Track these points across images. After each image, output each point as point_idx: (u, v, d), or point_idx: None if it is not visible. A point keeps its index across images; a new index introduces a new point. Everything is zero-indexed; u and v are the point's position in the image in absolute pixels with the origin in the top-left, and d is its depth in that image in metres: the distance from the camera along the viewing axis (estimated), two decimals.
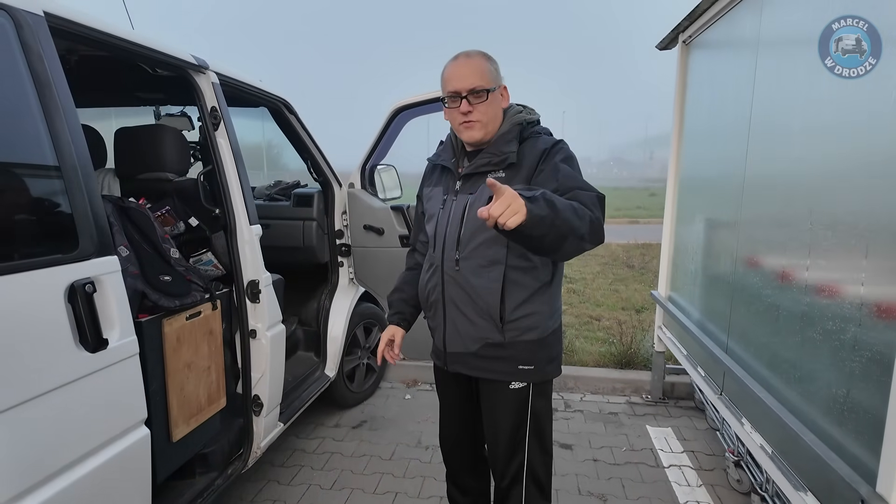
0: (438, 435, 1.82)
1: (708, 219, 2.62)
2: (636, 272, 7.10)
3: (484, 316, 1.47)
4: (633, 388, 3.47)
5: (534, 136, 1.51)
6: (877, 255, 1.34)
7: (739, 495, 2.35)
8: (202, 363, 1.92)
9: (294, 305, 3.06)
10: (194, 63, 1.93)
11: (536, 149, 1.45)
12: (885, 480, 1.22)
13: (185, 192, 2.16)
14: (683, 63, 2.97)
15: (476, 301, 1.47)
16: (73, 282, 1.22)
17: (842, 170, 1.52)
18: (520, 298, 1.46)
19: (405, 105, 2.79)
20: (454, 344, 1.54)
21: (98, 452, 1.29)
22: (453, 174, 1.55)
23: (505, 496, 1.63)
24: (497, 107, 1.48)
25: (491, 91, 1.43)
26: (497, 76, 1.48)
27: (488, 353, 1.50)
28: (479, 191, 1.46)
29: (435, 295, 1.56)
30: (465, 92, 1.42)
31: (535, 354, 1.51)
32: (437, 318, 1.58)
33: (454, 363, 1.58)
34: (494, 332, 1.47)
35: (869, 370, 1.35)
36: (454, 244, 1.49)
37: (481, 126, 1.45)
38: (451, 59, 1.48)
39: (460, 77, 1.43)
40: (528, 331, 1.48)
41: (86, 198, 1.27)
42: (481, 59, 1.46)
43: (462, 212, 1.49)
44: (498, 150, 1.46)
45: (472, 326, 1.49)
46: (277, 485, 2.48)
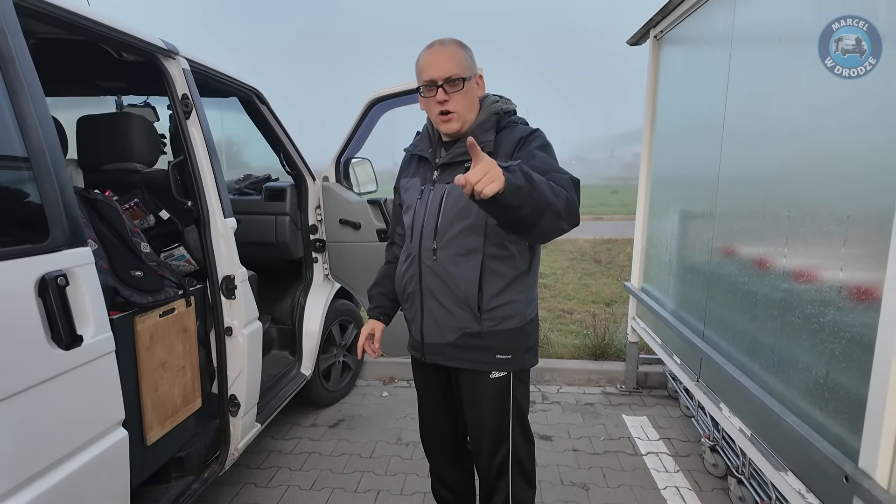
0: (419, 430, 1.80)
1: (682, 211, 2.67)
2: (604, 266, 7.23)
3: (462, 305, 1.47)
4: (607, 378, 3.52)
5: (511, 126, 1.50)
6: (855, 241, 1.39)
7: (715, 479, 2.41)
8: (177, 362, 1.83)
9: (267, 303, 2.97)
10: (164, 48, 1.84)
11: (513, 137, 1.45)
12: (868, 456, 1.26)
13: (154, 183, 2.05)
14: (655, 59, 3.02)
15: (454, 290, 1.46)
16: (44, 274, 1.13)
17: (820, 160, 1.57)
18: (497, 287, 1.46)
19: (381, 97, 2.74)
20: (432, 334, 1.53)
21: (74, 457, 1.21)
22: (430, 164, 1.54)
23: (492, 488, 1.62)
24: (473, 96, 1.47)
25: (467, 79, 1.42)
26: (472, 64, 1.47)
27: (466, 343, 1.49)
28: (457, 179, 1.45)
29: (412, 286, 1.55)
30: (441, 80, 1.40)
31: (513, 343, 1.51)
32: (415, 309, 1.56)
33: (432, 354, 1.56)
34: (472, 321, 1.47)
35: (850, 351, 1.39)
36: (432, 234, 1.48)
37: (458, 117, 1.44)
38: (426, 47, 1.46)
39: (436, 65, 1.41)
40: (506, 319, 1.48)
41: (56, 185, 1.18)
42: (456, 47, 1.45)
43: (440, 201, 1.48)
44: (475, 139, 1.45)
45: (450, 316, 1.49)
46: (255, 487, 2.40)
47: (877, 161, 1.32)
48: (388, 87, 2.73)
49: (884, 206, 1.24)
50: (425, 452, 1.82)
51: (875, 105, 1.33)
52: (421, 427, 1.79)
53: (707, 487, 2.36)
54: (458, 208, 1.44)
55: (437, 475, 1.83)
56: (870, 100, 1.34)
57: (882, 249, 1.22)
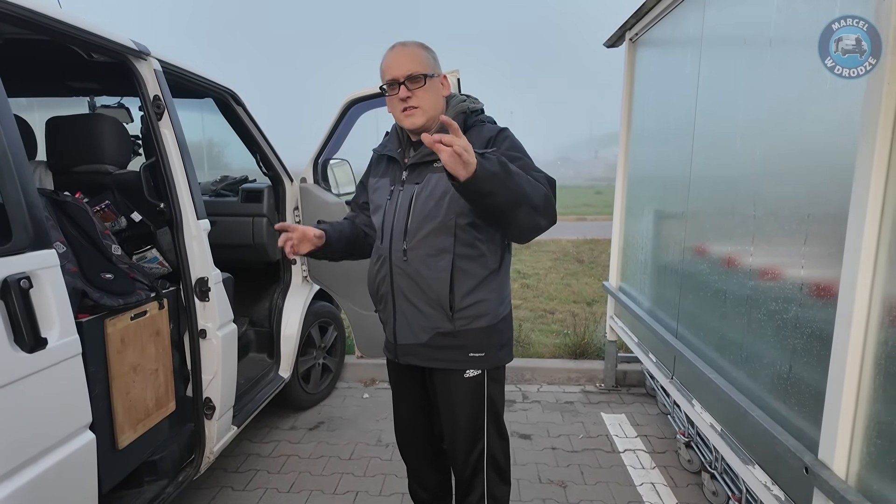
0: (394, 431, 1.80)
1: (657, 211, 2.72)
2: (586, 266, 7.29)
3: (434, 305, 1.48)
4: (587, 377, 3.56)
5: (478, 125, 1.52)
6: (815, 240, 1.43)
7: (690, 474, 2.45)
8: (149, 365, 1.81)
9: (245, 306, 2.95)
10: (134, 49, 1.82)
11: (482, 137, 1.46)
12: (827, 448, 1.30)
13: (126, 185, 2.03)
14: (631, 60, 3.06)
15: (425, 291, 1.47)
16: (6, 277, 1.12)
17: (783, 160, 1.61)
18: (469, 286, 1.47)
19: (358, 98, 2.74)
20: (404, 335, 1.54)
21: (38, 460, 1.19)
22: (399, 165, 1.55)
23: (468, 486, 1.63)
24: (437, 94, 1.48)
25: (429, 77, 1.44)
26: (435, 64, 1.49)
27: (439, 343, 1.50)
28: (426, 180, 1.47)
29: (384, 287, 1.55)
30: (403, 78, 1.42)
31: (486, 341, 1.52)
32: (388, 311, 1.57)
33: (405, 355, 1.57)
34: (444, 321, 1.48)
35: (810, 346, 1.43)
36: (402, 235, 1.48)
37: (422, 112, 1.45)
38: (389, 49, 1.49)
39: (397, 65, 1.44)
40: (478, 318, 1.50)
41: (18, 185, 1.17)
42: (417, 48, 1.47)
43: (409, 202, 1.48)
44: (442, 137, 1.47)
45: (422, 316, 1.49)
46: (232, 491, 2.39)
47: (834, 162, 1.36)
48: (366, 88, 2.74)
49: (840, 206, 1.28)
50: (401, 454, 1.82)
51: (832, 107, 1.37)
52: (396, 428, 1.79)
53: (682, 483, 2.40)
54: (427, 209, 1.46)
55: (414, 476, 1.83)
56: (827, 101, 1.38)
57: (839, 248, 1.26)
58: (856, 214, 1.21)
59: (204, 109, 2.96)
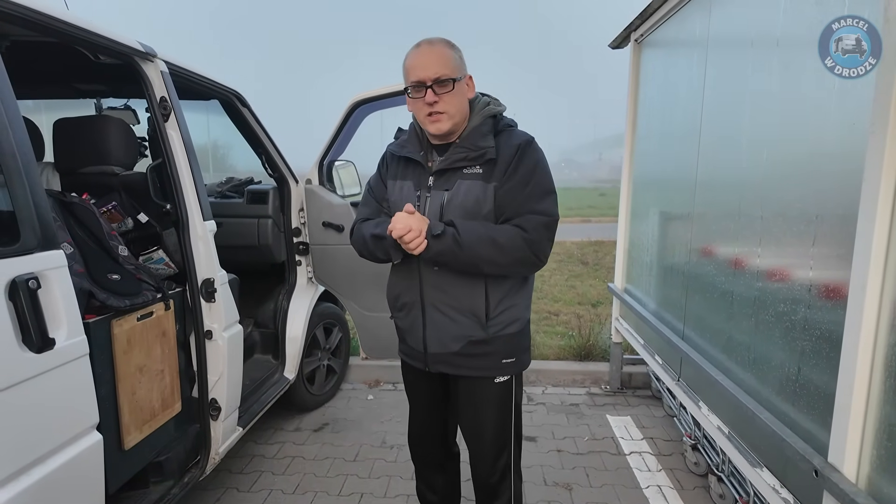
0: (407, 432, 1.79)
1: (662, 212, 2.71)
2: (590, 268, 7.27)
3: (466, 314, 1.45)
4: (592, 379, 3.54)
5: (506, 130, 1.47)
6: (824, 241, 1.42)
7: (697, 477, 2.44)
8: (155, 366, 1.82)
9: (250, 307, 2.96)
10: (141, 50, 1.83)
11: (511, 144, 1.41)
12: (836, 451, 1.29)
13: (132, 186, 2.04)
14: (636, 62, 3.06)
15: (459, 300, 1.44)
16: (15, 277, 1.12)
17: (790, 162, 1.60)
18: (501, 294, 1.46)
19: (364, 99, 2.74)
20: (435, 344, 1.50)
21: (46, 460, 1.20)
22: (423, 169, 1.48)
23: (493, 491, 1.60)
24: (463, 97, 1.43)
25: (457, 81, 1.38)
26: (462, 65, 1.43)
27: (472, 351, 1.47)
28: (456, 186, 1.42)
29: (409, 296, 1.51)
30: (430, 81, 1.36)
31: (517, 346, 1.51)
32: (413, 320, 1.52)
33: (436, 363, 1.53)
34: (478, 329, 1.45)
35: (819, 348, 1.42)
36: None
37: (448, 118, 1.39)
38: (413, 46, 1.42)
39: (424, 66, 1.37)
40: (510, 324, 1.48)
41: (27, 187, 1.18)
42: (445, 47, 1.40)
43: (439, 209, 1.43)
44: (474, 145, 1.41)
45: (455, 325, 1.46)
46: (237, 492, 2.39)
47: (842, 162, 1.35)
48: (371, 90, 2.74)
49: (849, 206, 1.27)
50: (412, 455, 1.81)
51: (840, 107, 1.36)
52: (410, 431, 1.77)
53: (689, 486, 2.39)
54: (458, 215, 1.40)
55: (423, 478, 1.82)
56: (835, 102, 1.37)
57: (848, 249, 1.25)
58: (865, 215, 1.19)
59: (210, 111, 2.98)
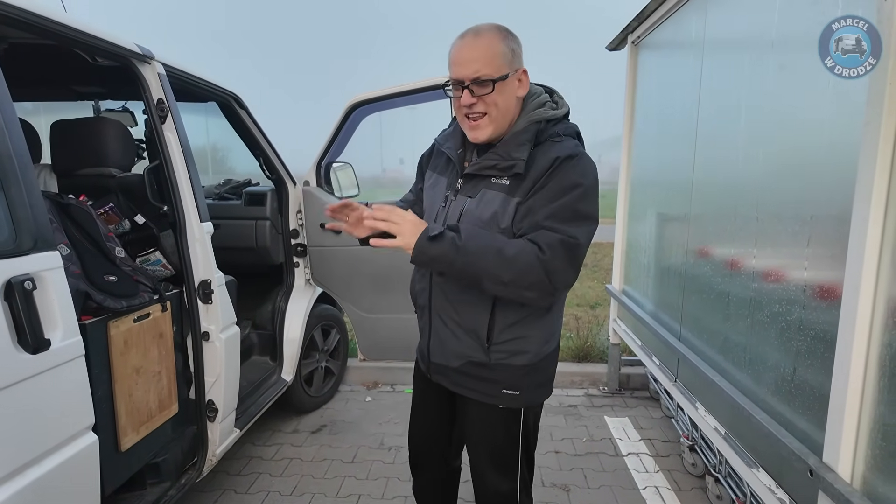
0: (408, 433, 1.68)
1: (660, 214, 2.71)
2: (589, 270, 7.27)
3: (469, 332, 1.34)
4: (590, 380, 3.54)
5: (551, 141, 1.26)
6: (818, 242, 1.42)
7: (694, 478, 2.44)
8: (152, 368, 1.82)
9: (248, 308, 2.96)
10: (139, 52, 1.83)
11: (548, 156, 1.22)
12: (831, 450, 1.29)
13: (129, 188, 2.04)
14: (633, 64, 3.07)
15: (462, 315, 1.34)
16: (10, 278, 1.13)
17: (785, 163, 1.61)
18: (511, 320, 1.31)
19: (362, 101, 2.75)
20: (437, 355, 1.42)
21: (42, 461, 1.20)
22: (457, 169, 1.36)
23: None
24: (510, 98, 1.24)
25: (499, 80, 1.19)
26: (512, 59, 1.22)
27: (471, 372, 1.37)
28: (479, 196, 1.29)
29: (423, 299, 1.44)
30: (468, 81, 1.20)
31: (523, 380, 1.35)
32: (423, 323, 1.46)
33: (437, 374, 1.46)
34: (479, 351, 1.33)
35: (814, 348, 1.42)
36: None
37: (489, 121, 1.24)
38: (459, 35, 1.23)
39: (464, 61, 1.20)
40: (517, 355, 1.33)
41: (23, 188, 1.18)
42: (493, 39, 1.20)
43: (458, 217, 1.31)
44: (507, 154, 1.25)
45: (456, 341, 1.36)
46: (234, 494, 2.38)
47: (836, 163, 1.36)
48: (369, 92, 2.75)
49: (843, 207, 1.27)
50: (410, 459, 1.69)
51: (834, 108, 1.37)
52: (411, 430, 1.66)
53: (686, 487, 2.39)
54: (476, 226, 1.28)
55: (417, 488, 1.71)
56: (830, 103, 1.38)
57: (842, 249, 1.26)
58: (859, 216, 1.20)
59: (208, 113, 2.98)
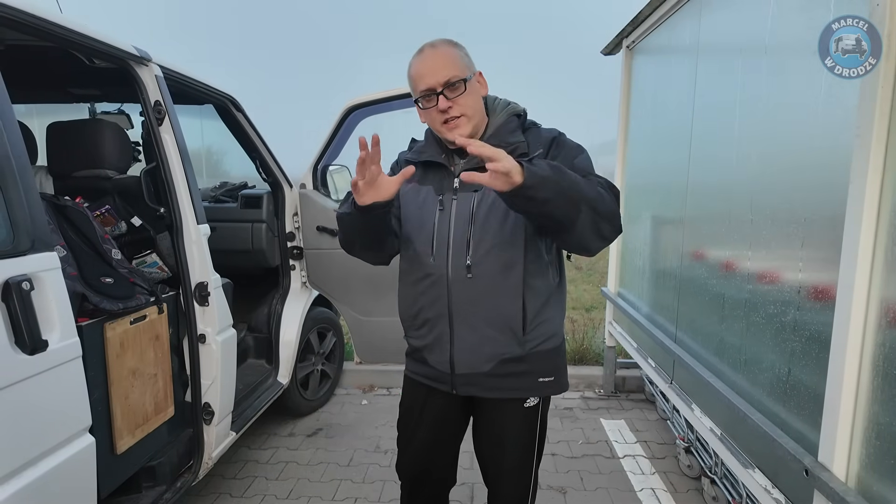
0: (398, 461, 1.57)
1: (654, 217, 2.73)
2: (584, 273, 7.30)
3: (501, 328, 1.31)
4: (586, 383, 3.55)
5: (534, 128, 1.37)
6: (812, 243, 1.44)
7: (690, 479, 2.45)
8: (148, 370, 1.81)
9: (243, 311, 2.95)
10: (136, 54, 1.84)
11: (542, 138, 1.32)
12: (826, 450, 1.30)
13: (126, 190, 2.04)
14: (628, 68, 3.09)
15: (493, 311, 1.31)
16: (8, 279, 1.12)
17: (779, 166, 1.63)
18: (538, 304, 1.32)
19: (358, 104, 2.76)
20: (463, 365, 1.35)
21: (38, 463, 1.19)
22: (447, 171, 1.36)
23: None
24: (477, 95, 1.31)
25: (468, 79, 1.26)
26: (470, 62, 1.31)
27: (505, 371, 1.34)
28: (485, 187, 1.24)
29: (434, 311, 1.35)
30: (441, 87, 1.25)
31: (555, 363, 1.38)
32: (435, 336, 1.37)
33: (465, 385, 1.38)
34: (514, 345, 1.32)
35: (808, 349, 1.44)
36: (463, 249, 1.29)
37: (467, 120, 1.28)
38: (416, 53, 1.30)
39: (431, 71, 1.25)
40: (548, 339, 1.36)
41: (20, 188, 1.18)
42: (448, 47, 1.29)
43: (469, 212, 1.30)
44: (503, 141, 1.28)
45: (487, 342, 1.32)
46: (230, 497, 2.37)
47: (830, 165, 1.38)
48: (365, 95, 2.76)
49: (836, 209, 1.29)
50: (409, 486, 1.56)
51: (827, 111, 1.39)
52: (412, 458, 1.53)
53: (682, 488, 2.40)
54: (492, 218, 1.29)
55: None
56: (822, 106, 1.40)
57: (836, 251, 1.27)
58: (852, 217, 1.22)
59: (203, 116, 2.98)
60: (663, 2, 2.44)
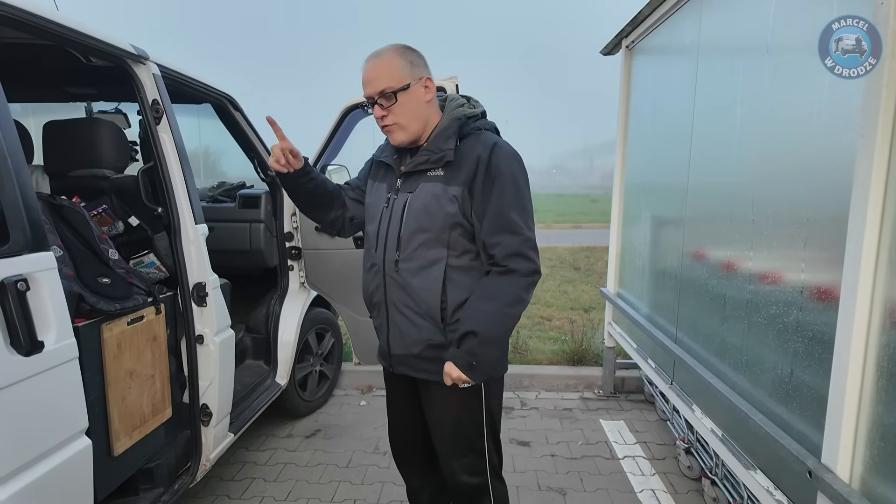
0: (389, 439, 1.76)
1: (654, 217, 2.72)
2: (582, 274, 7.30)
3: (426, 317, 1.44)
4: (585, 384, 3.55)
5: (474, 133, 1.44)
6: (815, 243, 1.43)
7: (690, 480, 2.44)
8: (145, 371, 1.80)
9: (242, 312, 2.93)
10: (133, 53, 1.82)
11: (474, 151, 1.39)
12: (830, 452, 1.30)
13: (123, 190, 2.02)
14: (627, 68, 3.08)
15: (417, 302, 1.44)
16: (4, 279, 1.11)
17: (781, 166, 1.62)
18: (461, 297, 1.43)
19: (356, 104, 2.75)
20: (397, 346, 1.51)
21: (34, 465, 1.18)
22: (395, 172, 1.51)
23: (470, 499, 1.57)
24: (416, 104, 1.39)
25: (401, 90, 1.35)
26: (413, 69, 1.38)
27: (431, 355, 1.46)
28: (419, 189, 1.42)
29: (378, 296, 1.52)
30: (376, 96, 1.36)
31: None
32: (381, 319, 1.54)
33: (398, 365, 1.54)
34: (437, 333, 1.44)
35: (811, 349, 1.43)
36: (395, 245, 1.44)
37: (399, 128, 1.40)
38: (365, 60, 1.40)
39: (369, 80, 1.37)
40: None
41: (16, 188, 1.16)
42: (391, 56, 1.37)
43: (402, 211, 1.44)
44: (436, 147, 1.41)
45: (414, 328, 1.46)
46: (228, 499, 2.36)
47: (833, 165, 1.37)
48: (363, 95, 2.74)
49: (840, 209, 1.28)
50: (395, 460, 1.78)
51: (830, 111, 1.38)
52: (391, 436, 1.75)
53: (682, 489, 2.39)
54: (419, 219, 1.41)
55: (410, 483, 1.79)
56: (825, 105, 1.39)
57: (839, 251, 1.26)
58: (856, 217, 1.21)
59: (201, 116, 2.97)
60: (663, 2, 2.44)
